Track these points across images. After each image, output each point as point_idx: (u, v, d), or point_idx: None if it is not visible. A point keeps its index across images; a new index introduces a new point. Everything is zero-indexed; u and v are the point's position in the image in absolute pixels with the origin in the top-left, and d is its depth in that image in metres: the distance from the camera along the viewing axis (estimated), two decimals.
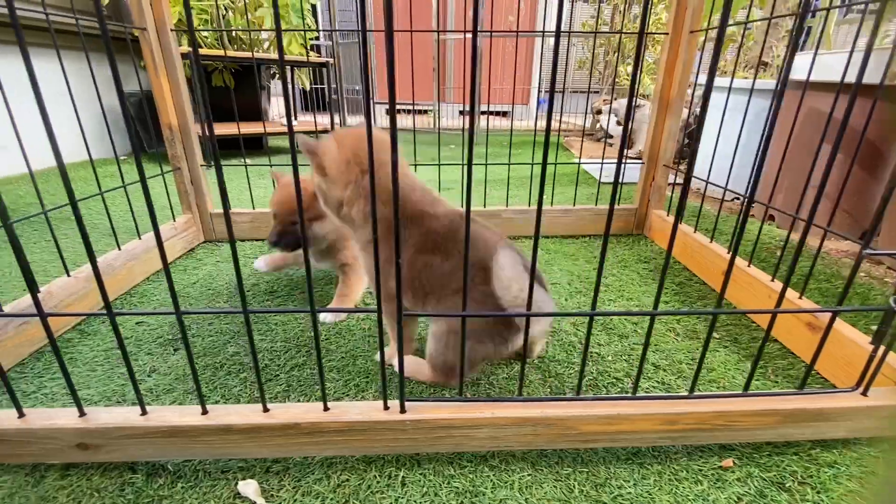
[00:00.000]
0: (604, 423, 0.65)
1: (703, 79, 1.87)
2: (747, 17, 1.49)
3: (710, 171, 1.39)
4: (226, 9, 3.08)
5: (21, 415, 0.63)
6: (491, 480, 0.67)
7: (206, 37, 2.97)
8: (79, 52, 1.06)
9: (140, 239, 1.29)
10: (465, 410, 0.64)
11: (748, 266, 1.14)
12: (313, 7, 3.90)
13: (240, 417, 0.63)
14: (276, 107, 3.96)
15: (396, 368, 0.68)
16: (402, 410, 0.64)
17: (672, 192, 1.56)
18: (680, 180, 1.83)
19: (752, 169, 0.63)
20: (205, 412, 0.64)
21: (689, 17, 1.35)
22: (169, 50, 1.33)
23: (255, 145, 3.40)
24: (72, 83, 1.14)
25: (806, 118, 1.55)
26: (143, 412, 0.63)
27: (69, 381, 0.61)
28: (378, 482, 0.67)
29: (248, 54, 2.85)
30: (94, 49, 2.64)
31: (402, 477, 0.67)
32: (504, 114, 5.54)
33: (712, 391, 0.85)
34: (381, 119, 4.79)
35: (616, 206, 1.59)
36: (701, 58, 1.58)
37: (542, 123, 4.89)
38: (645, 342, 0.65)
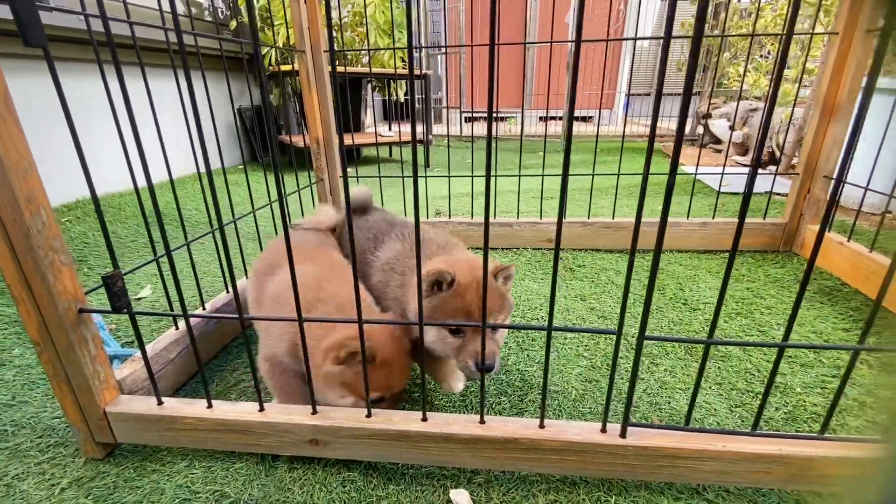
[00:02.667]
0: (853, 466, 0.59)
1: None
2: None
3: (871, 179, 1.24)
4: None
5: (261, 409, 0.69)
6: None
7: None
8: (209, 71, 1.16)
9: None
10: (692, 441, 0.61)
11: None
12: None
13: (460, 428, 0.65)
14: (369, 117, 4.14)
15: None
16: (623, 435, 0.62)
17: (835, 208, 1.40)
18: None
19: None
20: (425, 419, 0.66)
21: (867, 15, 1.22)
22: (321, 70, 1.43)
23: (350, 155, 3.58)
24: (194, 99, 1.19)
25: None
26: (369, 414, 0.67)
27: (310, 382, 0.66)
28: None
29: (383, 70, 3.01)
30: (213, 68, 2.94)
31: (615, 503, 0.65)
32: (587, 119, 5.38)
33: None
34: (465, 127, 4.84)
35: (760, 221, 1.48)
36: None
37: (629, 129, 4.68)
38: (840, 386, 0.58)
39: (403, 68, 3.24)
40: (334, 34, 3.21)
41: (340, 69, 2.92)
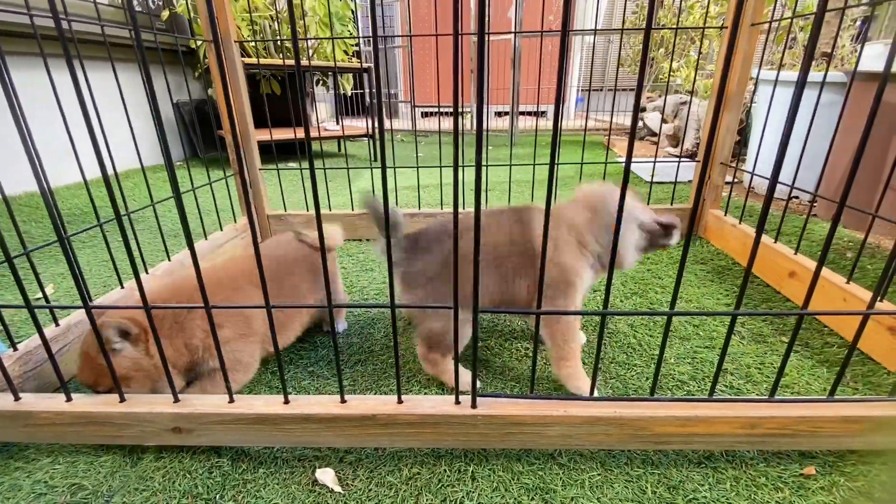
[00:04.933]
0: (679, 424, 0.64)
1: (759, 73, 1.78)
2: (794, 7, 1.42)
3: (755, 164, 1.33)
4: (272, 19, 3.22)
5: (122, 399, 0.68)
6: (561, 478, 0.67)
7: (254, 47, 3.10)
8: (131, 63, 1.11)
9: (206, 239, 1.37)
10: (536, 408, 0.65)
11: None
12: (353, 13, 4.01)
13: (320, 408, 0.66)
14: (316, 112, 4.08)
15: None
16: (474, 405, 0.65)
17: (730, 192, 1.50)
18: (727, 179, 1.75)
19: (796, 161, 0.60)
20: (287, 402, 0.67)
21: (751, 10, 1.30)
22: (232, 60, 1.41)
23: (295, 150, 3.52)
24: (125, 93, 1.14)
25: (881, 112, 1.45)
26: (231, 400, 0.67)
27: (167, 368, 0.66)
28: (448, 476, 0.68)
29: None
30: (150, 62, 2.83)
31: (472, 472, 0.68)
32: (539, 114, 5.48)
33: (787, 396, 0.81)
34: (420, 122, 4.84)
35: (668, 206, 1.56)
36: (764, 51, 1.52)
37: (579, 123, 4.80)
38: (662, 343, 0.63)
39: (348, 61, 3.21)
40: (274, 25, 3.14)
41: (277, 61, 2.87)
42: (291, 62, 3.03)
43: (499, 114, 5.60)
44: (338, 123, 3.58)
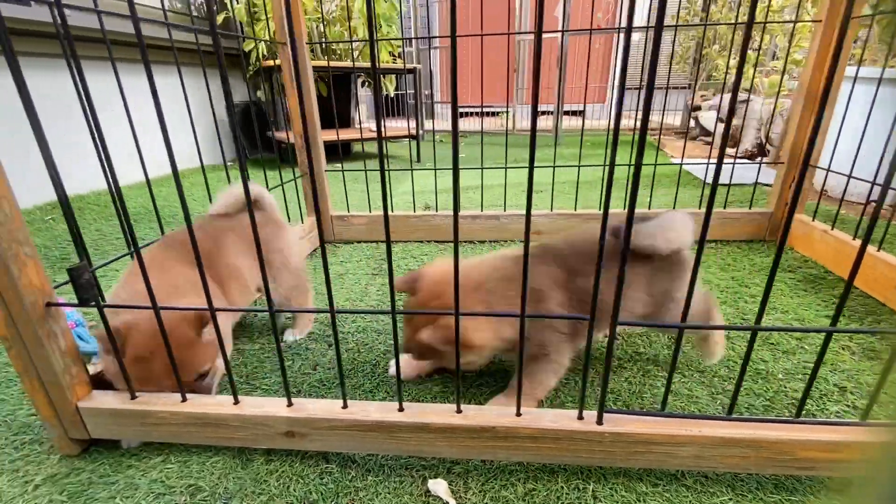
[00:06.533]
0: (827, 450, 0.59)
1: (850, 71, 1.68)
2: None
3: (852, 168, 1.23)
4: (318, 21, 3.26)
5: (236, 401, 0.68)
6: (690, 502, 0.63)
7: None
8: (191, 67, 1.14)
9: None
10: (667, 426, 0.61)
11: None
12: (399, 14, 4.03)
13: (436, 417, 0.64)
14: (360, 113, 4.11)
15: None
16: (600, 422, 0.62)
17: (819, 196, 1.41)
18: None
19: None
20: (401, 409, 0.65)
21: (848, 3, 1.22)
22: (304, 62, 1.42)
23: (343, 151, 3.56)
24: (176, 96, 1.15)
25: None
26: (345, 405, 0.66)
27: (284, 374, 0.65)
28: (567, 494, 0.65)
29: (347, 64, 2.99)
30: (194, 64, 2.92)
31: (592, 490, 0.65)
32: (579, 113, 5.38)
33: None
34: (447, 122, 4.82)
35: (747, 211, 1.48)
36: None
37: (622, 122, 4.68)
38: (816, 364, 0.58)
39: (392, 62, 3.22)
40: (321, 28, 3.18)
41: (324, 63, 2.91)
42: (338, 63, 3.06)
43: (541, 113, 5.52)
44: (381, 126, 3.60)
